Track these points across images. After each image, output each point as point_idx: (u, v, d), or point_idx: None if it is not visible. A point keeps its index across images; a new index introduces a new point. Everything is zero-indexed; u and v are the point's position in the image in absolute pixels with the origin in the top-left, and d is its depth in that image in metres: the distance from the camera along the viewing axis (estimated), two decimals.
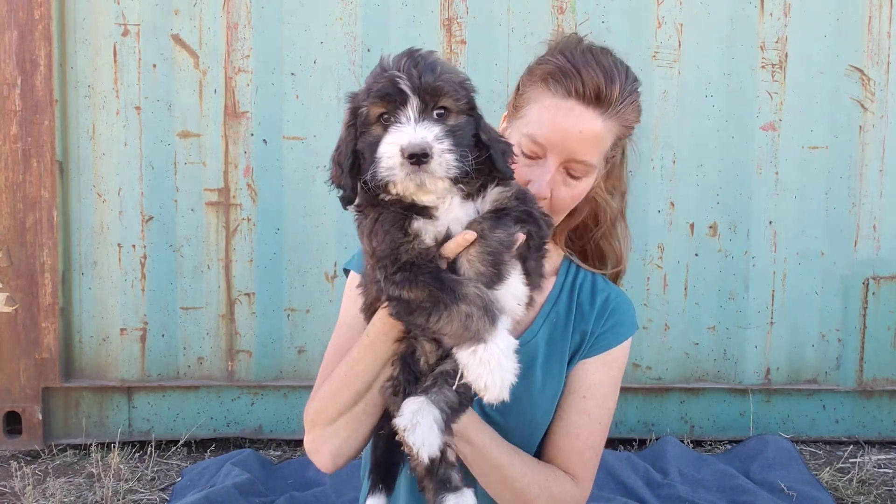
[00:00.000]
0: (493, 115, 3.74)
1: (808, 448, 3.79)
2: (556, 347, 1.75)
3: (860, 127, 3.71)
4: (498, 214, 1.37)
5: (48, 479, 3.32)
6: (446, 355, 1.43)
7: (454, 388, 1.41)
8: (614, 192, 1.82)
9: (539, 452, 1.74)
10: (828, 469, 3.49)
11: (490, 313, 1.27)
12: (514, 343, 1.30)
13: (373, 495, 1.53)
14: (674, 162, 3.70)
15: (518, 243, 1.36)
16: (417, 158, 1.24)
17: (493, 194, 1.40)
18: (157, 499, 3.23)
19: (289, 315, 3.71)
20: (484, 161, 1.37)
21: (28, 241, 3.55)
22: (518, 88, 1.74)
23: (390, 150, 1.26)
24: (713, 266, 3.75)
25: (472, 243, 1.34)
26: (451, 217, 1.38)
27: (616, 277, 1.90)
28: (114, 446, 3.53)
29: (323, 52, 3.61)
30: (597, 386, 1.73)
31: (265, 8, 3.59)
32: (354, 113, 1.36)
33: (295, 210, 3.66)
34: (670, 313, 3.76)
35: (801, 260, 3.76)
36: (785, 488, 3.22)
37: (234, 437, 3.76)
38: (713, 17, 3.64)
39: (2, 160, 3.52)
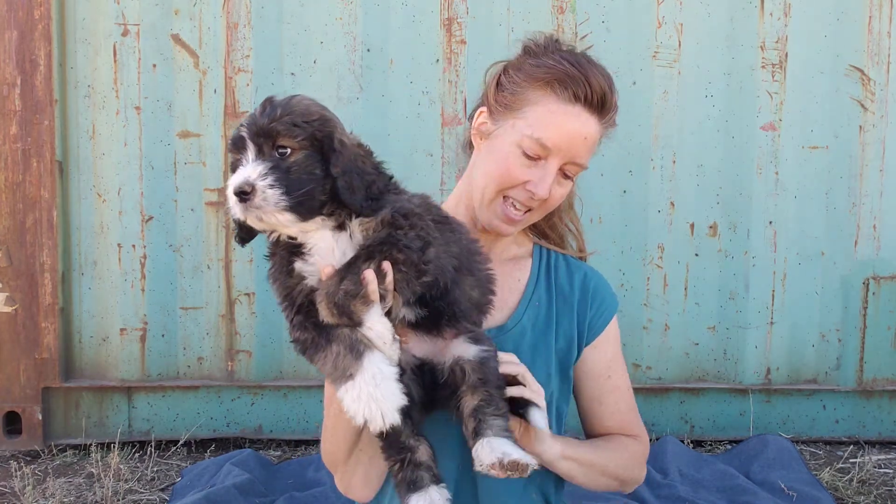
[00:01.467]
0: None
1: (808, 448, 3.79)
2: (541, 329, 1.83)
3: (860, 127, 3.71)
4: (351, 261, 1.41)
5: (48, 479, 3.32)
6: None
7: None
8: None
9: (593, 438, 1.94)
10: (828, 469, 3.49)
11: (355, 350, 1.37)
12: (390, 370, 1.37)
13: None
14: (674, 162, 3.70)
15: (367, 283, 1.37)
16: (240, 196, 1.35)
17: (355, 226, 1.44)
18: (157, 499, 3.23)
19: None
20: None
21: (28, 241, 3.55)
22: (499, 85, 1.77)
23: (229, 191, 1.37)
24: (713, 266, 3.75)
25: (318, 298, 1.39)
26: (327, 251, 1.44)
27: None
28: (114, 446, 3.53)
29: (323, 52, 3.61)
30: (613, 360, 1.91)
31: (265, 8, 3.59)
32: None
33: None
34: (670, 313, 3.76)
35: (801, 260, 3.76)
36: (785, 488, 3.22)
37: (234, 437, 3.76)
38: (713, 17, 3.64)
39: (2, 160, 3.52)
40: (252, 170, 1.36)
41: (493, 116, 1.76)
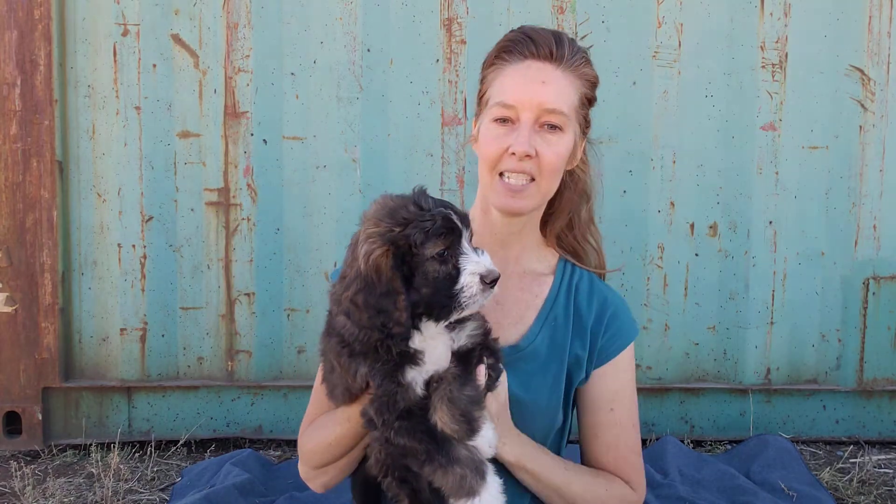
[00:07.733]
0: None
1: (808, 448, 3.79)
2: (556, 350, 1.79)
3: (860, 127, 3.71)
4: (464, 363, 1.49)
5: (48, 479, 3.32)
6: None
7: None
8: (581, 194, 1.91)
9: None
10: (828, 469, 3.49)
11: (480, 472, 1.46)
12: (499, 482, 1.49)
13: None
14: (674, 162, 3.70)
15: (483, 389, 1.49)
16: (493, 284, 1.47)
17: (469, 328, 1.52)
18: (157, 499, 3.23)
19: (289, 315, 3.70)
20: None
21: (28, 241, 3.55)
22: (478, 93, 1.83)
23: (476, 279, 1.45)
24: (713, 266, 3.75)
25: (441, 403, 1.46)
26: (440, 357, 1.50)
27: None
28: (114, 446, 3.53)
29: (323, 52, 3.61)
30: (619, 393, 1.82)
31: (265, 8, 3.59)
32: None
33: (295, 210, 3.66)
34: (670, 313, 3.76)
35: (802, 260, 3.76)
36: (785, 488, 3.22)
37: (233, 437, 3.76)
38: (713, 17, 3.64)
39: (2, 160, 3.52)
40: (490, 262, 1.46)
41: (477, 119, 1.83)
